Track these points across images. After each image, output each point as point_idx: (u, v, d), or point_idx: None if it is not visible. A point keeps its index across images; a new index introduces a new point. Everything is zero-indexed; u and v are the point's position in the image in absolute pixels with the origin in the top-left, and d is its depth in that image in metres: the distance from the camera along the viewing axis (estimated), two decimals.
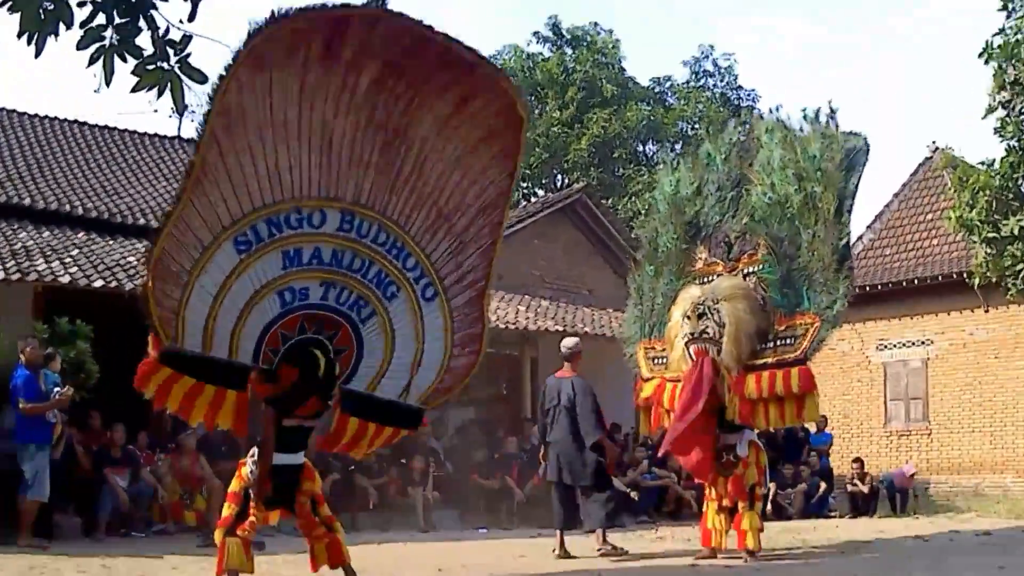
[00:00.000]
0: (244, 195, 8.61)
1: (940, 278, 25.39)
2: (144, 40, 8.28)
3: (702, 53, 40.62)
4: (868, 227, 29.21)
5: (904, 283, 26.26)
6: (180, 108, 8.32)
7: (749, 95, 39.98)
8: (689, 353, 12.05)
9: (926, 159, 29.35)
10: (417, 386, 9.59)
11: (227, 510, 8.94)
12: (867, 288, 26.61)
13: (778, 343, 11.72)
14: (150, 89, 8.28)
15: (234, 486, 9.04)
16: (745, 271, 12.35)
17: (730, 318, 11.77)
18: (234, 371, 8.79)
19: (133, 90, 8.21)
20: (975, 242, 18.02)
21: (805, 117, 12.27)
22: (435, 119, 9.24)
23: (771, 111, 12.78)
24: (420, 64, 8.95)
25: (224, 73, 7.99)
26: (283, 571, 10.47)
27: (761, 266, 12.17)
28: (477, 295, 9.76)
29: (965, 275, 23.74)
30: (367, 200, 9.22)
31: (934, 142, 29.44)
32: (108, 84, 8.06)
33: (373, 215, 9.25)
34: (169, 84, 8.11)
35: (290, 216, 8.86)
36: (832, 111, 12.14)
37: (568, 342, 13.84)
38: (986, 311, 25.03)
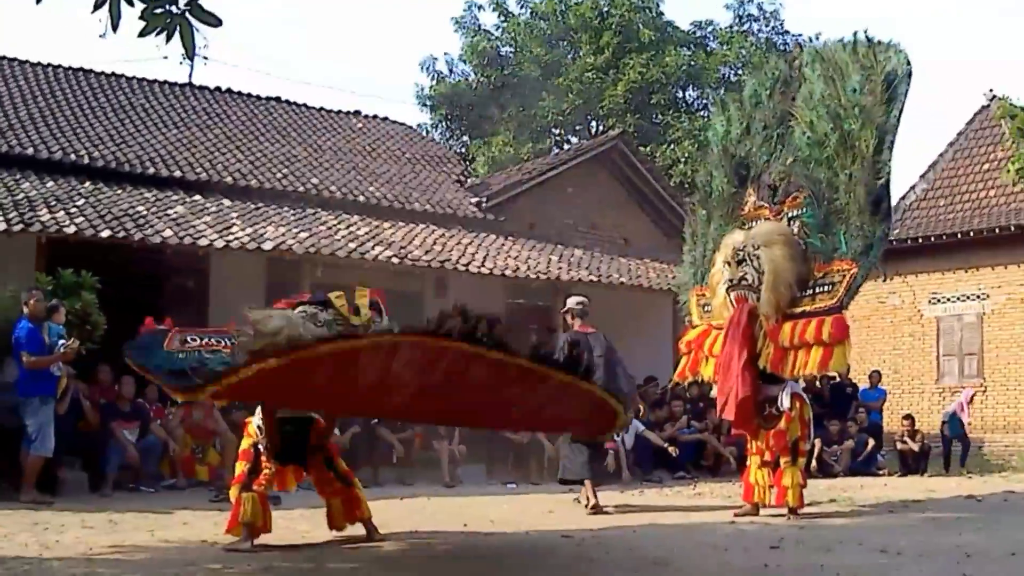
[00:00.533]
0: None
1: (997, 230, 24.46)
2: None
3: None
4: (921, 177, 28.37)
5: (959, 235, 25.36)
6: (191, 53, 7.66)
7: (796, 39, 38.70)
8: (730, 300, 11.78)
9: (983, 108, 28.42)
10: None
11: (240, 468, 8.80)
12: (920, 240, 26.02)
13: (816, 290, 11.35)
14: (159, 33, 7.64)
15: (244, 444, 8.92)
16: (789, 214, 11.89)
17: (768, 265, 11.42)
18: None
19: (141, 34, 7.57)
20: None
21: (844, 46, 11.73)
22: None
23: (811, 40, 12.18)
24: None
25: None
26: (300, 526, 10.13)
27: (803, 209, 11.73)
28: None
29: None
30: None
31: (991, 90, 28.45)
32: (115, 29, 7.42)
33: None
34: (179, 28, 7.47)
35: None
36: (870, 40, 11.56)
37: (577, 299, 13.80)
38: None
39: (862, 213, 11.08)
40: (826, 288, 11.22)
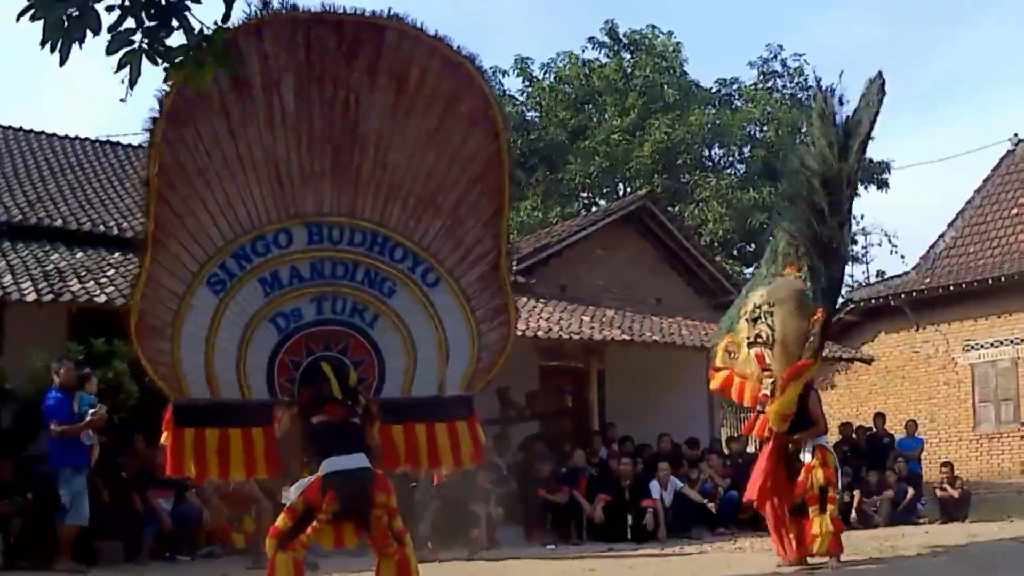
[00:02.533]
0: (204, 238, 8.49)
1: None
2: (176, 40, 7.91)
3: (770, 53, 39.50)
4: (950, 225, 28.54)
5: (991, 280, 25.49)
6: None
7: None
8: (751, 356, 12.16)
9: (1008, 152, 28.67)
10: (453, 375, 9.16)
11: (282, 522, 8.50)
12: (951, 288, 26.11)
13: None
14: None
15: (296, 503, 8.65)
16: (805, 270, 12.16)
17: (779, 323, 11.76)
18: (253, 409, 8.54)
19: (164, 82, 7.91)
20: None
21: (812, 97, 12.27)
22: (382, 110, 8.86)
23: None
24: (336, 58, 8.65)
25: (148, 142, 8.12)
26: None
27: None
28: (490, 268, 9.37)
29: None
30: (331, 209, 8.90)
31: (1016, 134, 28.70)
32: (132, 86, 7.66)
33: (340, 220, 8.91)
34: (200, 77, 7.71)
35: (255, 244, 8.64)
36: (827, 89, 12.08)
37: None
38: None
39: (810, 255, 11.55)
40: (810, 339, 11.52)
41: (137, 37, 7.81)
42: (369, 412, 8.68)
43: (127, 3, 7.39)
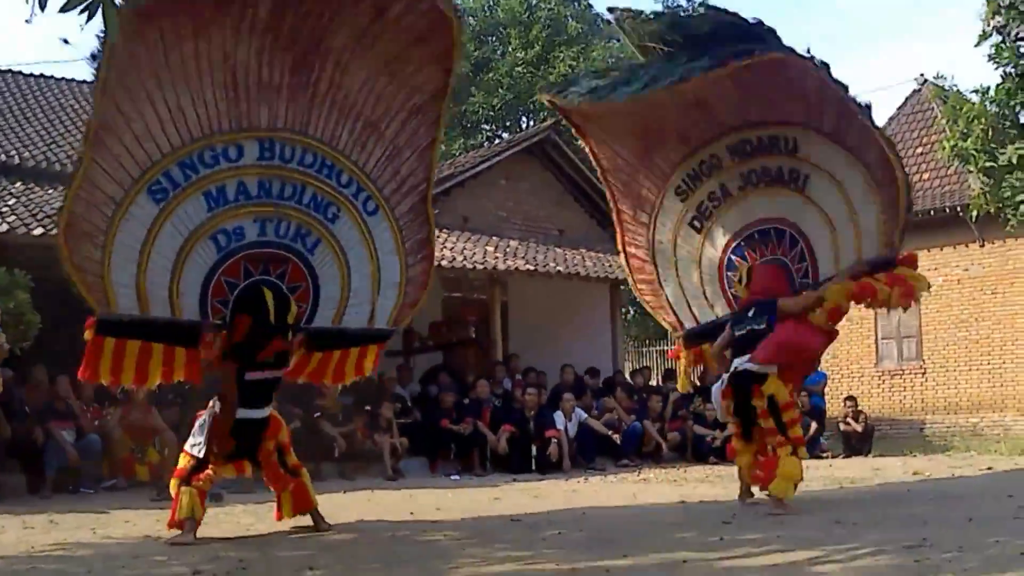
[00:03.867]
0: (150, 143, 8.14)
1: (932, 212, 24.62)
2: None
3: None
4: None
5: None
6: (113, 34, 7.47)
7: None
8: None
9: (914, 92, 28.64)
10: (383, 308, 9.13)
11: (183, 461, 8.40)
12: None
13: None
14: (81, 11, 7.44)
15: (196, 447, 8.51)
16: None
17: None
18: (182, 329, 8.27)
19: (62, 10, 7.41)
20: (971, 172, 17.31)
21: None
22: (351, 30, 8.64)
23: None
24: None
25: (104, 33, 7.40)
26: (244, 520, 9.85)
27: None
28: (420, 199, 9.35)
29: (959, 209, 23.34)
30: (284, 124, 8.66)
31: (922, 74, 28.66)
32: (43, 8, 7.22)
33: (293, 137, 8.68)
34: (101, 6, 7.27)
35: (203, 154, 8.36)
36: None
37: None
38: (981, 245, 24.41)
39: None
40: None
41: None
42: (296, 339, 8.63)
43: None
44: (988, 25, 16.58)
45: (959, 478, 13.43)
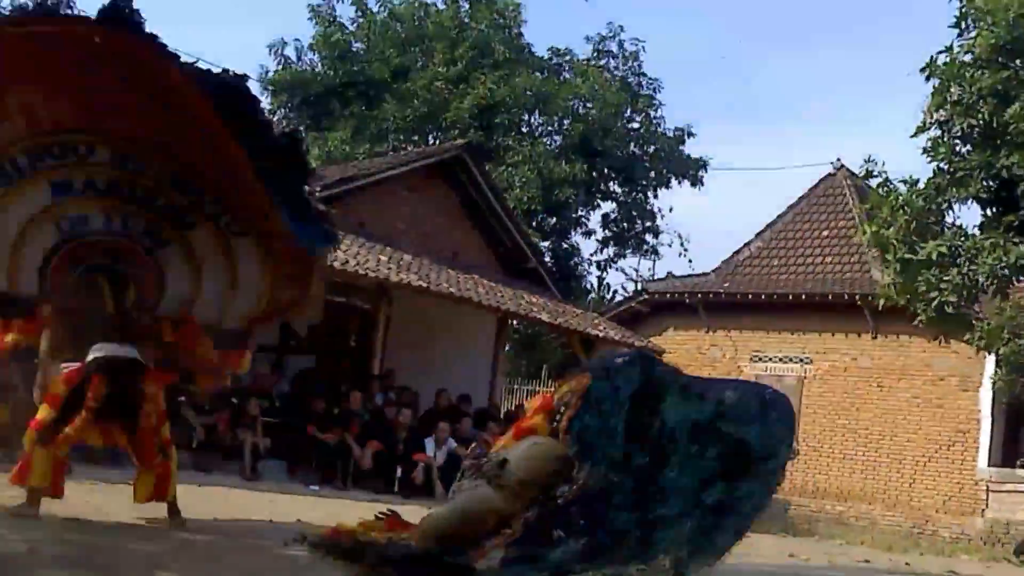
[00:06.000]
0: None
1: (830, 296, 24.66)
2: None
3: (610, 31, 38.76)
4: (757, 235, 28.52)
5: (790, 296, 25.50)
6: None
7: (652, 84, 38.43)
8: None
9: (828, 175, 28.75)
10: (236, 308, 8.67)
11: (44, 412, 7.59)
12: (749, 296, 26.07)
13: None
14: None
15: (57, 387, 7.75)
16: None
17: None
18: (18, 302, 8.17)
19: None
20: (887, 261, 17.19)
21: None
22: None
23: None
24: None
25: None
26: (94, 499, 9.13)
27: None
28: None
29: (857, 298, 23.35)
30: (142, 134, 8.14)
31: (839, 159, 28.85)
32: None
33: (151, 150, 8.22)
34: None
35: (53, 148, 8.07)
36: None
37: None
38: (874, 337, 24.42)
39: None
40: None
41: None
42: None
43: None
44: (930, 117, 16.48)
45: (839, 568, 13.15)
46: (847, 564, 13.73)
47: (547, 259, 31.75)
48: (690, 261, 38.44)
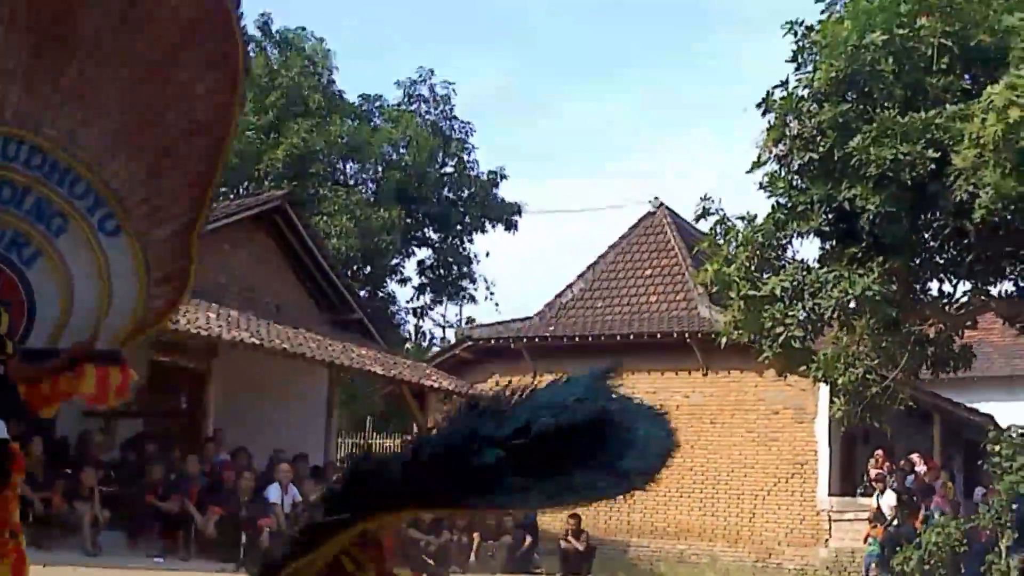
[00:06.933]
0: None
1: (659, 336, 24.66)
2: None
3: (420, 76, 38.95)
4: (580, 276, 28.44)
5: (618, 336, 25.43)
6: None
7: (464, 127, 38.61)
8: None
9: (648, 214, 28.84)
10: (108, 331, 7.66)
11: None
12: (576, 339, 25.90)
13: None
14: None
15: None
16: None
17: None
18: None
19: None
20: (732, 299, 17.09)
21: None
22: (105, 14, 7.32)
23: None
24: None
25: None
26: None
27: None
28: (181, 229, 7.84)
29: (687, 335, 23.37)
30: (13, 115, 7.28)
31: (657, 198, 29.01)
32: None
33: (22, 133, 7.31)
34: None
35: None
36: None
37: None
38: (704, 374, 24.45)
39: None
40: None
41: None
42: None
43: None
44: (768, 152, 16.47)
45: None
46: None
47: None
48: (496, 305, 38.46)
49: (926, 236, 16.53)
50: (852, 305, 15.91)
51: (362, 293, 35.33)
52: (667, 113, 75.56)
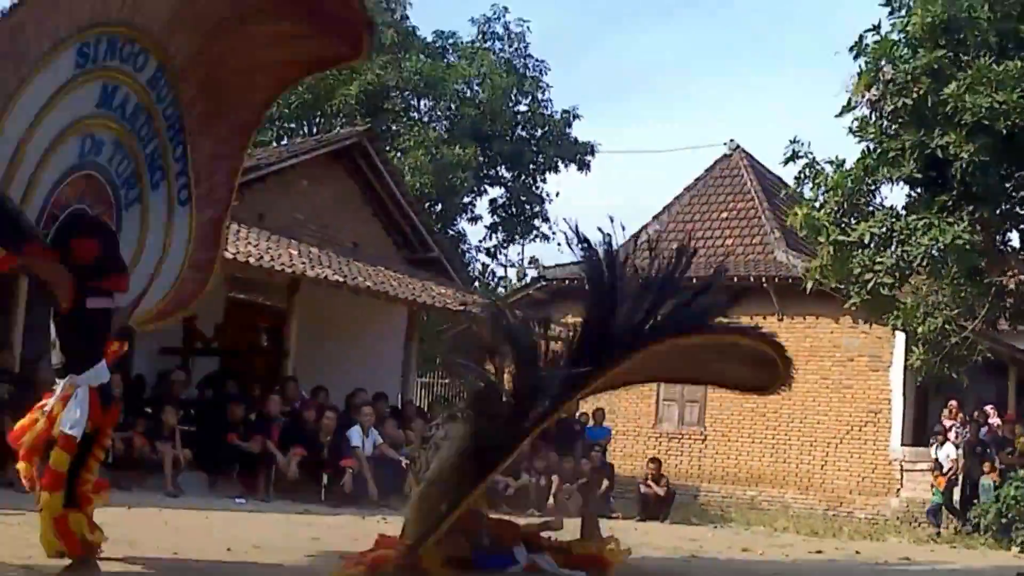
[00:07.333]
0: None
1: (735, 279, 24.36)
2: None
3: (494, 14, 38.52)
4: (655, 218, 28.19)
5: (694, 279, 25.06)
6: None
7: (538, 66, 38.26)
8: None
9: (724, 156, 28.56)
10: (149, 299, 7.88)
11: (62, 463, 6.49)
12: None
13: None
14: None
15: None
16: None
17: None
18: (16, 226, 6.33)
19: None
20: (821, 243, 16.85)
21: None
22: None
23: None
24: None
25: None
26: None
27: None
28: (217, 218, 8.30)
29: (763, 280, 23.09)
30: (177, 63, 7.42)
31: (732, 139, 28.67)
32: None
33: (172, 83, 7.48)
34: None
35: (124, 47, 6.98)
36: None
37: None
38: (780, 319, 24.14)
39: None
40: None
41: None
42: None
43: None
44: (860, 97, 16.16)
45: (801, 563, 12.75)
46: (804, 558, 13.34)
47: None
48: (559, 246, 38.24)
49: (1009, 186, 16.24)
50: (939, 254, 15.66)
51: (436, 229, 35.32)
52: (747, 55, 74.33)
